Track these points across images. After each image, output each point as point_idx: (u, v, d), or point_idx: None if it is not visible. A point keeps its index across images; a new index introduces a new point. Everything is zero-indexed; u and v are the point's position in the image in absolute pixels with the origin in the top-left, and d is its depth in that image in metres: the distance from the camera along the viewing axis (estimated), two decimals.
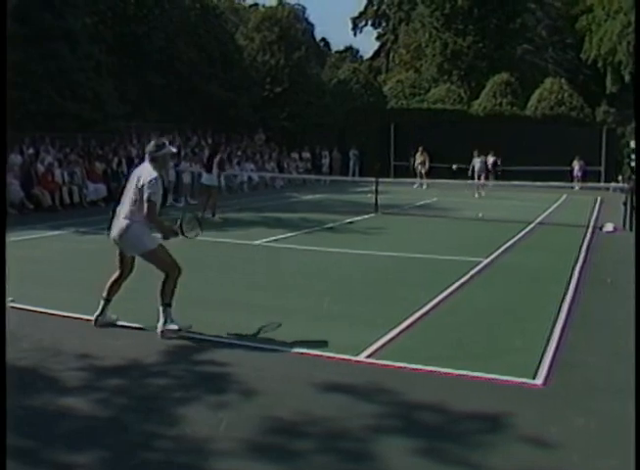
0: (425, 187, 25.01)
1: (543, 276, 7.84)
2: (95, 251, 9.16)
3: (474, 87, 34.33)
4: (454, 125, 29.23)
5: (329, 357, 4.82)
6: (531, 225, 13.27)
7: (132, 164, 18.29)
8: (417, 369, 4.62)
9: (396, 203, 18.02)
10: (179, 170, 18.26)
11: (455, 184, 21.34)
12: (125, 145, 19.53)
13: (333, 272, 8.12)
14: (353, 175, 29.73)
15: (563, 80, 31.06)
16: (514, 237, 11.38)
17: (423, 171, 25.95)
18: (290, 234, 11.46)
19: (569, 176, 25.71)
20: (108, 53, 22.21)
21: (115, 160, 17.87)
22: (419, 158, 26.32)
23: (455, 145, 28.13)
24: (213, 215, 13.16)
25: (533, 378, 4.48)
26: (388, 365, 4.68)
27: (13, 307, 5.84)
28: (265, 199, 19.56)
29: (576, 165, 26.45)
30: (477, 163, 25.09)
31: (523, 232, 12.14)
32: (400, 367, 4.65)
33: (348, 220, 13.70)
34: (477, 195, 21.36)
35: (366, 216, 14.69)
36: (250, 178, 23.10)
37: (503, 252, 9.77)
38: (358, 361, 4.76)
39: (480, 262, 8.70)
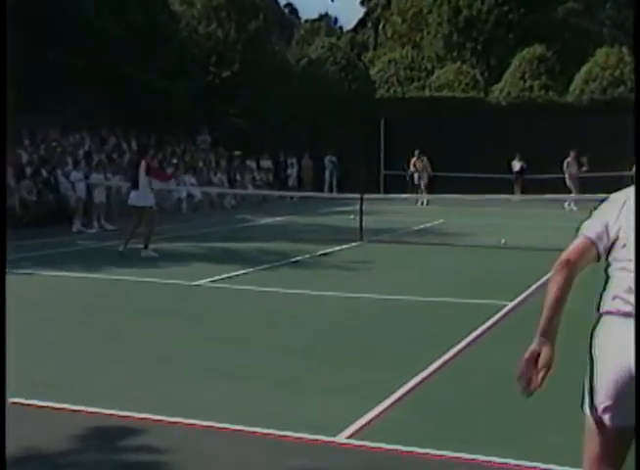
0: (425, 204, 25.44)
1: (590, 325, 8.02)
2: None
3: (494, 67, 35.00)
4: (467, 119, 29.83)
5: (299, 439, 4.89)
6: None
7: (23, 175, 18.24)
8: (414, 453, 4.76)
9: (388, 227, 18.24)
10: (90, 184, 18.30)
11: (468, 202, 21.73)
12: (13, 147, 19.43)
13: (303, 322, 8.25)
14: (330, 190, 30.06)
15: (624, 49, 29.61)
16: (549, 271, 11.62)
17: (422, 183, 26.44)
18: (243, 271, 11.57)
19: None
20: None
21: None
22: (417, 164, 26.82)
23: (468, 146, 28.73)
24: (146, 247, 13.01)
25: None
26: (376, 448, 4.81)
27: None
28: (211, 223, 19.62)
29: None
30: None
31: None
32: (393, 450, 4.79)
33: (323, 252, 13.88)
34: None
35: (347, 246, 14.87)
36: (189, 195, 23.26)
37: (534, 292, 9.98)
38: (338, 443, 4.85)
39: (503, 308, 8.89)
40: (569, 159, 25.16)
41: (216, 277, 10.95)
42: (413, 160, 27.60)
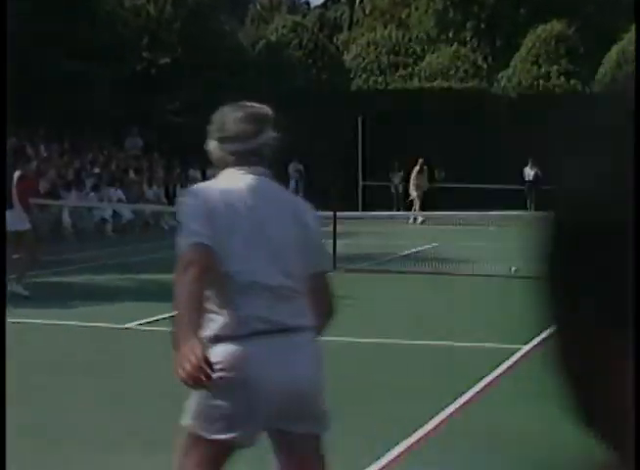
0: (419, 222, 25.49)
1: None
2: None
3: (500, 49, 35.31)
4: (466, 116, 30.09)
5: None
6: None
7: None
8: None
9: (368, 252, 18.24)
10: None
11: (469, 220, 21.85)
12: None
13: None
14: None
15: None
16: None
17: (416, 197, 26.47)
18: None
19: None
20: None
21: None
22: (417, 178, 26.75)
23: (468, 149, 28.93)
24: (18, 281, 12.58)
25: None
26: None
27: None
28: (143, 249, 19.52)
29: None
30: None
31: None
32: None
33: None
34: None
35: None
36: (116, 214, 23.11)
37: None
38: None
39: (516, 352, 8.90)
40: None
41: (151, 318, 10.87)
42: (415, 172, 27.31)
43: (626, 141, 0.57)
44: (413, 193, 26.83)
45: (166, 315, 11.07)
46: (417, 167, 27.22)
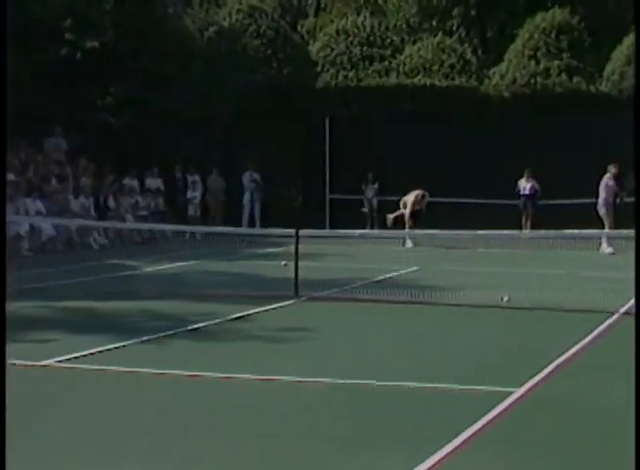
0: (410, 245, 25.33)
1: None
2: None
3: (492, 41, 35.49)
4: (452, 118, 30.22)
5: None
6: (612, 318, 13.77)
7: None
8: None
9: (336, 277, 18.22)
10: None
11: (453, 241, 21.88)
12: None
13: (207, 421, 8.15)
14: (251, 223, 30.01)
15: None
16: (577, 344, 11.71)
17: (407, 216, 26.26)
18: (115, 345, 11.43)
19: None
20: None
21: None
22: (413, 205, 26.49)
23: (453, 158, 29.02)
24: None
25: None
26: None
27: None
28: (68, 272, 19.42)
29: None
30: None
31: (593, 332, 12.53)
32: None
33: (238, 315, 13.81)
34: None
35: (275, 306, 14.82)
36: (34, 229, 22.96)
37: (550, 374, 10.05)
38: None
39: (507, 397, 8.90)
40: (607, 176, 25.21)
41: (74, 354, 10.76)
42: (417, 195, 26.76)
43: None
44: (404, 210, 26.53)
45: (93, 351, 11.04)
46: (414, 194, 26.79)
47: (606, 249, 23.77)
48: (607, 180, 25.21)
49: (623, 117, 25.73)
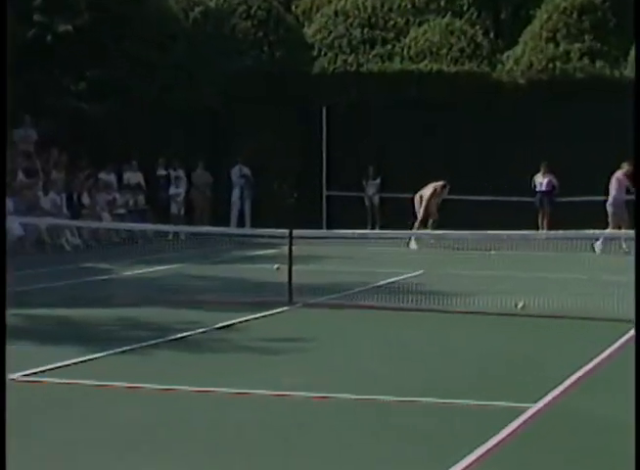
0: (414, 247, 25.28)
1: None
2: None
3: (506, 23, 35.35)
4: (462, 107, 30.20)
5: None
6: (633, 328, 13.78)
7: None
8: None
9: (334, 282, 18.25)
10: None
11: (463, 242, 21.90)
12: None
13: (190, 443, 8.14)
14: (240, 222, 29.98)
15: None
16: (597, 356, 11.72)
17: (421, 213, 26.19)
18: (88, 356, 11.40)
19: None
20: None
21: None
22: (430, 199, 26.43)
23: (464, 151, 28.98)
24: None
25: None
26: None
27: None
28: (37, 276, 19.44)
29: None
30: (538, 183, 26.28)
31: (615, 343, 12.51)
32: None
33: (226, 323, 13.81)
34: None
35: (267, 313, 14.82)
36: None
37: (569, 389, 10.06)
38: None
39: (523, 413, 8.90)
40: (620, 173, 25.38)
41: (42, 367, 10.74)
42: (436, 188, 26.85)
43: None
44: (422, 211, 26.47)
45: (63, 363, 11.02)
46: (434, 189, 26.79)
47: (598, 247, 23.75)
48: (618, 176, 25.27)
49: None
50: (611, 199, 25.13)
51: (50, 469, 7.39)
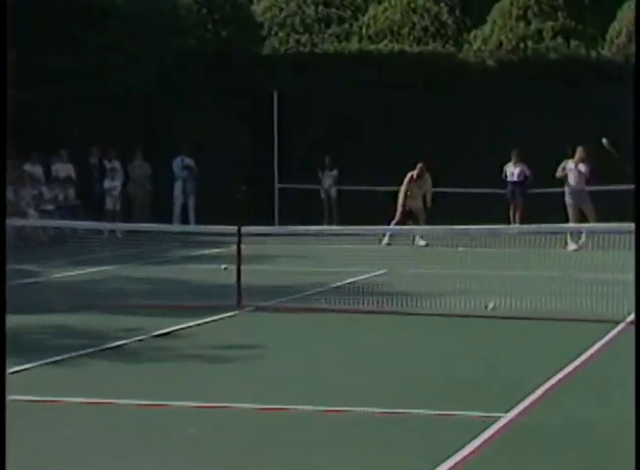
0: (422, 243, 25.19)
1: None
2: None
3: (472, 0, 35.43)
4: (425, 91, 30.34)
5: None
6: (617, 327, 13.96)
7: None
8: None
9: (287, 283, 18.34)
10: None
11: (427, 237, 21.96)
12: None
13: (127, 453, 8.15)
14: (183, 218, 29.92)
15: None
16: (571, 362, 11.81)
17: (398, 214, 26.22)
18: (16, 367, 11.30)
19: None
20: None
21: None
22: (414, 188, 26.45)
23: (427, 138, 29.07)
24: None
25: None
26: None
27: None
28: None
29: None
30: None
31: (593, 346, 12.69)
32: None
33: (169, 330, 13.84)
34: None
35: (214, 318, 14.88)
36: None
37: (542, 396, 10.13)
38: None
39: (491, 424, 8.97)
40: (573, 161, 25.55)
41: None
42: (408, 179, 26.72)
43: None
44: (415, 205, 26.38)
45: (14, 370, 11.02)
46: (413, 173, 26.73)
47: (570, 246, 23.90)
48: (580, 169, 25.39)
49: (631, 88, 25.35)
50: (569, 189, 25.22)
51: None
